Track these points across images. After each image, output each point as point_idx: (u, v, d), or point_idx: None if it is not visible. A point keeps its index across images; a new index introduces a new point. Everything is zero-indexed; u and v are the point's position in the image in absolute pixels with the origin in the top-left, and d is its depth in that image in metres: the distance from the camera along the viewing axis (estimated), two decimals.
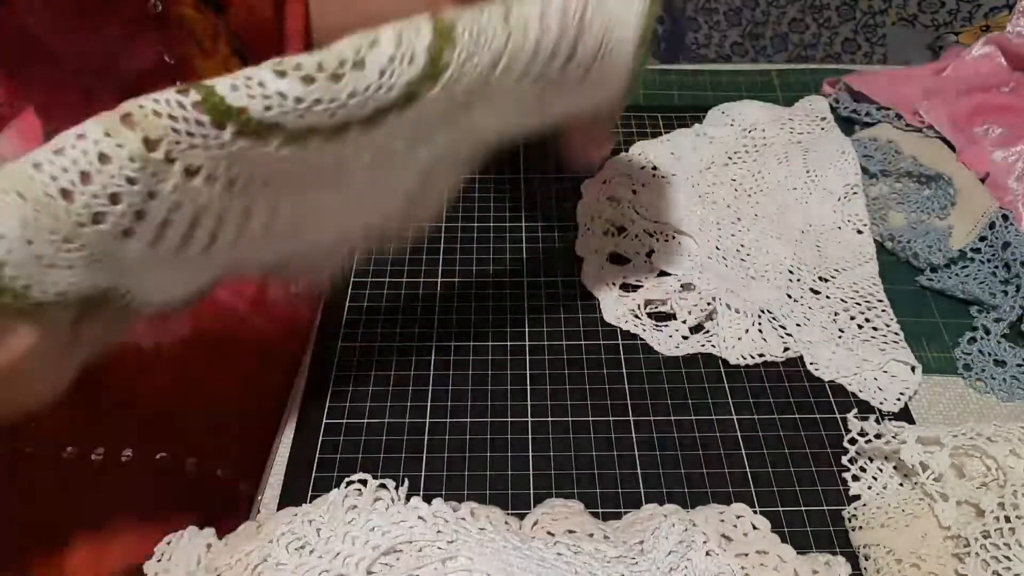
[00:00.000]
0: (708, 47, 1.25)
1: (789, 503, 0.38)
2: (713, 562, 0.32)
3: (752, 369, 0.44)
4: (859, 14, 1.17)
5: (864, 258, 0.49)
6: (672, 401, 0.42)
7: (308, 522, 0.32)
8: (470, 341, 0.45)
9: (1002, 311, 0.45)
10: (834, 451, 0.40)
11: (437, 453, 0.40)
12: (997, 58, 0.60)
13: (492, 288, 0.48)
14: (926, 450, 0.36)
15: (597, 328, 0.46)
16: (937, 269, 0.48)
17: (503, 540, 0.32)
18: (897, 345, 0.44)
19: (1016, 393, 0.43)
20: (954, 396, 0.43)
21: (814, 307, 0.46)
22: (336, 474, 0.39)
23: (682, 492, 0.38)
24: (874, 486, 0.38)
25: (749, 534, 0.34)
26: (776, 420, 0.41)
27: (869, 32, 1.18)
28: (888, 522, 0.36)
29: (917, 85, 0.58)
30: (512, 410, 0.42)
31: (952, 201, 0.51)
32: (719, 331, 0.45)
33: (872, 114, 0.58)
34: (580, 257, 0.49)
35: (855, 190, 0.52)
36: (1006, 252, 0.48)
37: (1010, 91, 0.57)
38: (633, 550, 0.33)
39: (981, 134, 0.55)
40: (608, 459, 0.40)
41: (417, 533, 0.32)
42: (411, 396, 0.42)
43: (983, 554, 0.33)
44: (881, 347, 0.44)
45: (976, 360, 0.44)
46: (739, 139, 0.56)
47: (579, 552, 0.32)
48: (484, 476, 0.39)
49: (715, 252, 0.49)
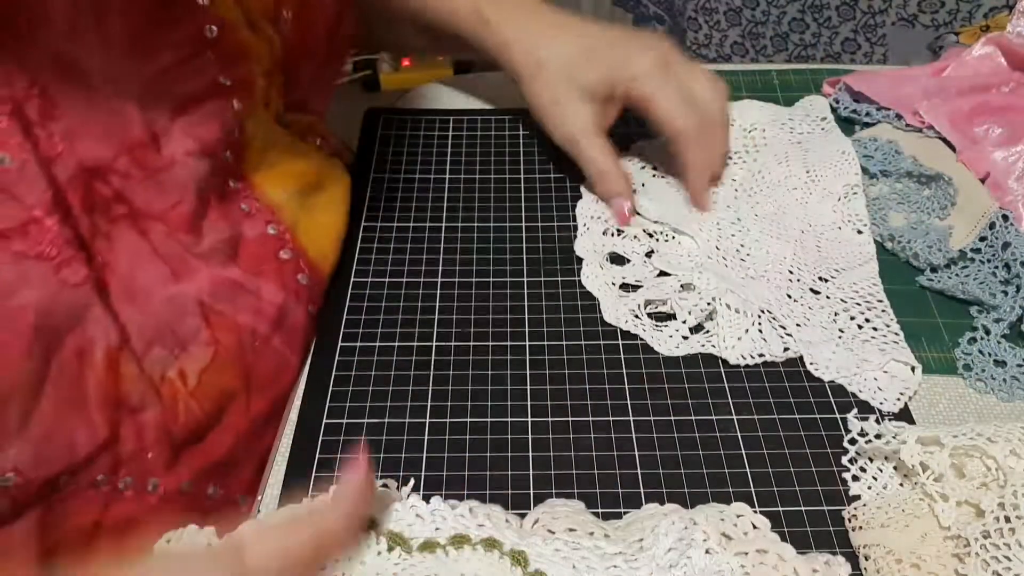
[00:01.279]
0: (708, 47, 1.25)
1: (789, 503, 0.38)
2: (713, 560, 0.32)
3: (752, 369, 0.44)
4: (859, 14, 1.17)
5: (864, 258, 0.49)
6: (672, 401, 0.42)
7: None
8: (470, 341, 0.45)
9: (1002, 311, 0.45)
10: (834, 451, 0.40)
11: (437, 453, 0.40)
12: (997, 58, 0.60)
13: (492, 288, 0.48)
14: (926, 450, 0.36)
15: (597, 328, 0.46)
16: (937, 269, 0.48)
17: (501, 536, 0.32)
18: (897, 345, 0.44)
19: (1016, 393, 0.43)
20: (954, 396, 0.43)
21: (814, 307, 0.46)
22: (336, 474, 0.39)
23: (682, 492, 0.38)
24: (874, 486, 0.38)
25: (749, 533, 0.34)
26: (776, 420, 0.41)
27: (869, 32, 1.18)
28: (888, 522, 0.36)
29: (917, 85, 0.58)
30: (512, 410, 0.42)
31: (952, 201, 0.51)
32: (719, 331, 0.45)
33: (872, 114, 0.58)
34: (580, 257, 0.50)
35: (855, 190, 0.52)
36: (1006, 252, 0.48)
37: (1010, 91, 0.57)
38: (632, 548, 0.33)
39: (981, 134, 0.55)
40: (608, 459, 0.40)
41: (415, 531, 0.33)
42: (411, 396, 0.42)
43: (983, 554, 0.33)
44: (881, 347, 0.44)
45: (976, 360, 0.44)
46: (739, 139, 0.56)
47: (578, 548, 0.32)
48: (484, 476, 0.39)
49: (715, 252, 0.49)
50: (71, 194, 0.33)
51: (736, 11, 1.24)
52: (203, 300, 0.39)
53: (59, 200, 0.33)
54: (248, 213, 0.42)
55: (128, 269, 0.36)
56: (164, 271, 0.38)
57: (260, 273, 0.42)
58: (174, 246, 0.38)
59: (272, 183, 0.44)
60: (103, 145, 0.34)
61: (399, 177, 0.55)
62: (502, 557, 0.32)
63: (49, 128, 0.32)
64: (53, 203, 0.32)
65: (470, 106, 0.62)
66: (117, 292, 0.36)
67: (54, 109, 0.32)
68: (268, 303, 0.42)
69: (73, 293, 0.33)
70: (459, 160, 0.57)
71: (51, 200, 0.32)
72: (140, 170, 0.36)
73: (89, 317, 0.34)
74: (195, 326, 0.39)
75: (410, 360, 0.44)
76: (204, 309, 0.39)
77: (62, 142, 0.33)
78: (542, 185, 0.55)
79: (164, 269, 0.37)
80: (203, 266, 0.39)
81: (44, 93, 0.32)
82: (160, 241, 0.37)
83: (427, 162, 0.57)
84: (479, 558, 0.32)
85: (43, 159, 0.32)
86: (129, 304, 0.36)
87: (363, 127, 0.59)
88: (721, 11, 1.25)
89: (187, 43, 0.37)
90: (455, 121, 0.60)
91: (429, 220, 0.53)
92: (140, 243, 0.37)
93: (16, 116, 0.31)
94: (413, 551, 0.32)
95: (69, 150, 0.33)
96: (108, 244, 0.35)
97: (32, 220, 0.32)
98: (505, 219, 0.53)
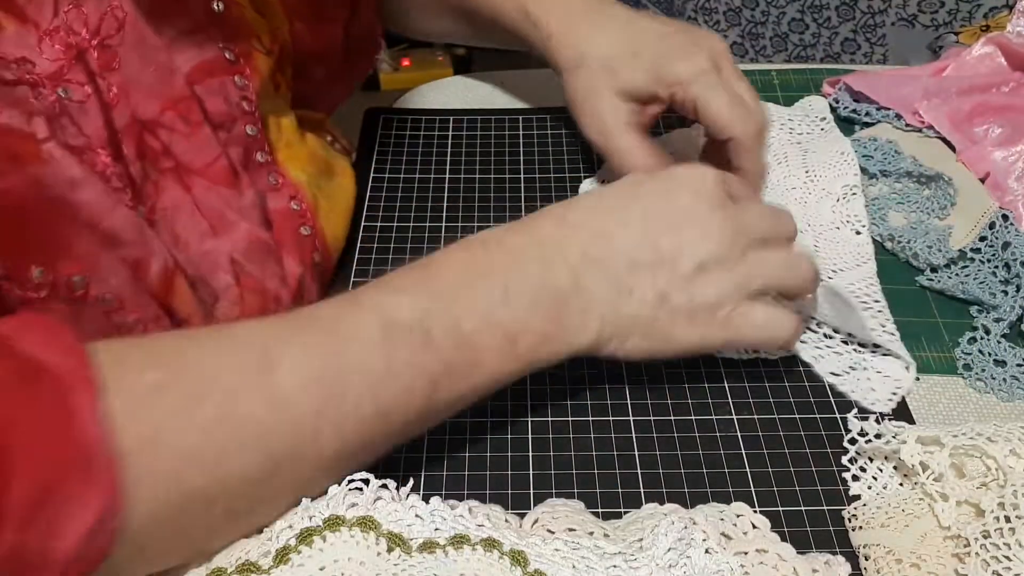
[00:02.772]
0: None
1: (789, 503, 0.38)
2: (712, 560, 0.32)
3: (752, 369, 0.44)
4: (859, 14, 1.17)
5: (862, 258, 0.49)
6: (672, 401, 0.42)
7: (308, 518, 0.32)
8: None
9: (1002, 311, 0.45)
10: (834, 451, 0.40)
11: (437, 453, 0.40)
12: (997, 58, 0.60)
13: None
14: (926, 450, 0.36)
15: None
16: (937, 269, 0.48)
17: (501, 536, 0.32)
18: (893, 345, 0.44)
19: (1016, 393, 0.43)
20: (954, 396, 0.43)
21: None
22: None
23: (682, 492, 0.38)
24: (874, 486, 0.38)
25: (749, 533, 0.34)
26: (776, 420, 0.41)
27: (869, 32, 1.18)
28: (888, 522, 0.36)
29: (917, 85, 0.58)
30: (512, 410, 0.42)
31: (952, 201, 0.51)
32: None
33: (872, 114, 0.58)
34: None
35: (854, 191, 0.52)
36: (1006, 252, 0.48)
37: (1010, 91, 0.57)
38: (632, 547, 0.33)
39: (981, 134, 0.55)
40: (608, 459, 0.40)
41: (415, 531, 0.33)
42: None
43: (983, 554, 0.33)
44: (874, 348, 0.44)
45: (976, 360, 0.44)
46: None
47: (577, 548, 0.32)
48: (484, 476, 0.39)
49: None
50: (126, 141, 0.36)
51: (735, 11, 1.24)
52: (235, 258, 0.40)
53: (114, 141, 0.35)
54: (275, 186, 0.44)
55: (171, 219, 0.38)
56: (204, 226, 0.39)
57: (283, 244, 0.43)
58: (215, 200, 0.39)
59: (292, 162, 0.45)
60: (152, 100, 0.37)
61: (399, 177, 0.55)
62: (502, 557, 0.32)
63: (108, 79, 0.35)
64: (108, 141, 0.35)
65: (470, 106, 0.62)
66: (164, 234, 0.38)
67: (112, 60, 0.35)
68: (291, 274, 0.43)
69: (128, 213, 0.35)
70: (459, 160, 0.57)
71: (107, 138, 0.34)
72: (185, 125, 0.38)
73: (145, 237, 0.36)
74: (226, 282, 0.40)
75: None
76: (236, 267, 0.40)
77: (119, 93, 0.35)
78: (542, 185, 0.55)
79: (203, 224, 0.39)
80: (241, 220, 0.40)
81: (103, 44, 0.35)
82: (201, 196, 0.39)
83: (427, 162, 0.57)
84: (479, 558, 0.32)
85: (103, 104, 0.35)
86: (174, 247, 0.38)
87: (363, 127, 0.59)
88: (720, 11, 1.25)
89: (199, 11, 0.39)
90: (455, 121, 0.60)
91: (429, 220, 0.53)
92: (184, 197, 0.38)
93: (80, 61, 0.34)
94: (412, 551, 0.32)
95: (124, 101, 0.35)
96: (156, 192, 0.37)
97: (90, 147, 0.34)
98: (505, 219, 0.52)
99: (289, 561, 0.31)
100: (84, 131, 0.34)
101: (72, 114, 0.33)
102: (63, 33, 0.33)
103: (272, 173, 0.44)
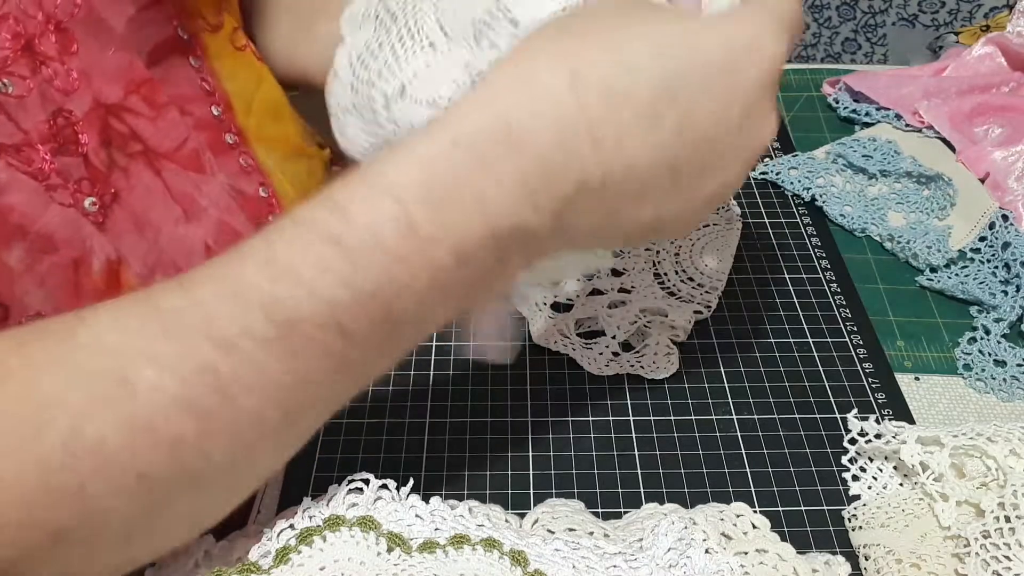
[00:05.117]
0: None
1: (789, 503, 0.38)
2: (712, 560, 0.32)
3: (752, 369, 0.44)
4: (859, 14, 1.17)
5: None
6: (672, 401, 0.42)
7: (308, 518, 0.32)
8: (470, 341, 0.45)
9: (1002, 311, 0.46)
10: (834, 451, 0.40)
11: (437, 453, 0.40)
12: (997, 58, 0.60)
13: None
14: (926, 450, 0.36)
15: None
16: (937, 269, 0.48)
17: (501, 536, 0.32)
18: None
19: (1016, 393, 0.43)
20: (954, 396, 0.43)
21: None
22: (336, 474, 0.39)
23: (682, 492, 0.38)
24: (874, 486, 0.38)
25: (749, 533, 0.34)
26: (776, 420, 0.41)
27: (869, 32, 1.18)
28: (888, 522, 0.36)
29: (917, 85, 0.58)
30: (512, 410, 0.42)
31: (952, 201, 0.51)
32: (647, 350, 0.44)
33: (872, 114, 0.58)
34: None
35: None
36: (1006, 252, 0.48)
37: (1010, 91, 0.57)
38: (632, 547, 0.33)
39: (981, 134, 0.56)
40: (608, 459, 0.40)
41: (415, 531, 0.33)
42: (411, 396, 0.42)
43: (983, 554, 0.33)
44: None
45: (976, 360, 0.44)
46: None
47: (577, 548, 0.32)
48: (484, 476, 0.39)
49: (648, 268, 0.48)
50: (88, 128, 0.35)
51: None
52: (209, 244, 0.40)
53: (57, 133, 0.34)
54: (246, 168, 0.43)
55: (142, 205, 0.37)
56: (176, 212, 0.39)
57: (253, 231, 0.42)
58: (185, 184, 0.39)
59: (260, 143, 0.45)
60: (115, 83, 0.36)
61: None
62: (502, 557, 0.32)
63: (68, 63, 0.34)
64: (49, 134, 0.34)
65: None
66: (124, 223, 0.37)
67: (70, 44, 0.34)
68: None
69: (63, 212, 0.34)
70: None
71: (47, 131, 0.34)
72: (150, 108, 0.37)
73: (83, 235, 0.35)
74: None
75: (410, 360, 0.44)
76: (210, 254, 0.40)
77: (80, 78, 0.35)
78: None
79: (176, 210, 0.39)
80: (211, 208, 0.40)
81: (60, 28, 0.34)
82: (172, 180, 0.39)
83: None
84: (479, 558, 0.32)
85: (55, 92, 0.34)
86: (136, 235, 0.37)
87: None
88: None
89: None
90: None
91: None
92: (155, 181, 0.38)
93: (26, 51, 0.33)
94: (412, 551, 0.32)
95: (86, 85, 0.35)
96: (125, 178, 0.37)
97: (27, 143, 0.33)
98: None
99: (289, 561, 0.31)
100: (22, 127, 0.33)
101: (9, 111, 0.33)
102: (12, 21, 0.32)
103: (243, 155, 0.43)
